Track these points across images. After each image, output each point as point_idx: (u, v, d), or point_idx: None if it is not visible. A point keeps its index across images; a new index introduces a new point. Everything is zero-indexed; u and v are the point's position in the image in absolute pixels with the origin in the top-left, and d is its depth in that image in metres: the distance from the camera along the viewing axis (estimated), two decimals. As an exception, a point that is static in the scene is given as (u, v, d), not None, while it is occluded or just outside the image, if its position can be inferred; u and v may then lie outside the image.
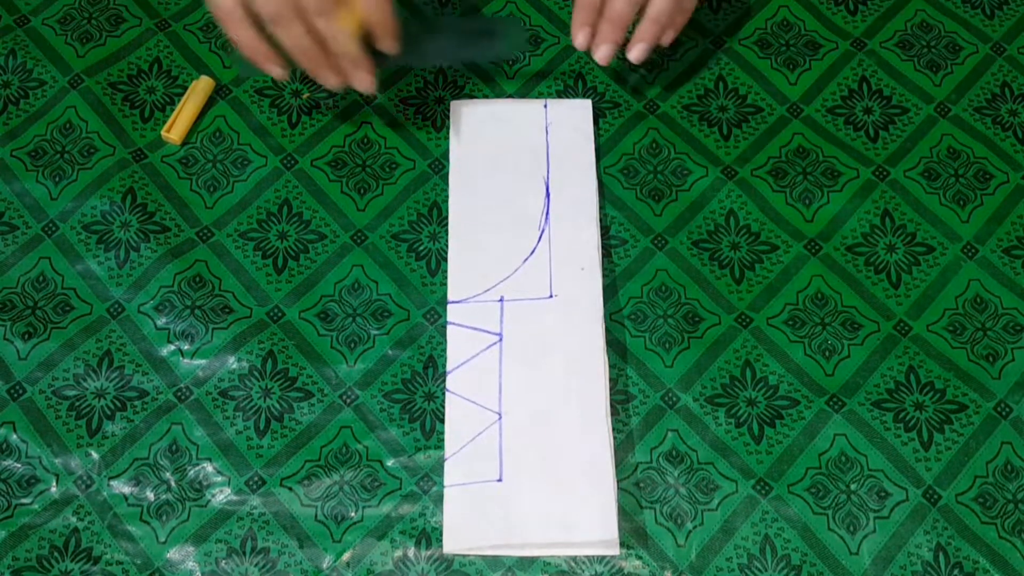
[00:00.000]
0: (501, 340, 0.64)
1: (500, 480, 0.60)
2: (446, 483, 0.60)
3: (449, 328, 0.65)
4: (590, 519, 0.59)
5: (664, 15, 0.67)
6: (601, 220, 0.69)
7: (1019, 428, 0.63)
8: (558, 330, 0.64)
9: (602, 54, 0.68)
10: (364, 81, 0.64)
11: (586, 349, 0.63)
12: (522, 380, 0.63)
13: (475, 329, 0.64)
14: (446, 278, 0.67)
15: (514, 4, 0.77)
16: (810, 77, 0.74)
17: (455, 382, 0.63)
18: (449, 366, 0.63)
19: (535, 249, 0.67)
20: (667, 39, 0.69)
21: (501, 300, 0.65)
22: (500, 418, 0.62)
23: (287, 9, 0.60)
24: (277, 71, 0.64)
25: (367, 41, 0.63)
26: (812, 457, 0.62)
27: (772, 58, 0.75)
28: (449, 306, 0.65)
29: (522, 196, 0.69)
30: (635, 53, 0.68)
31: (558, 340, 0.64)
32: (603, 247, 0.68)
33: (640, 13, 0.67)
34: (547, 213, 0.68)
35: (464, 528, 0.59)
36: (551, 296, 0.65)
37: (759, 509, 0.60)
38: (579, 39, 0.68)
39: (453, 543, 0.59)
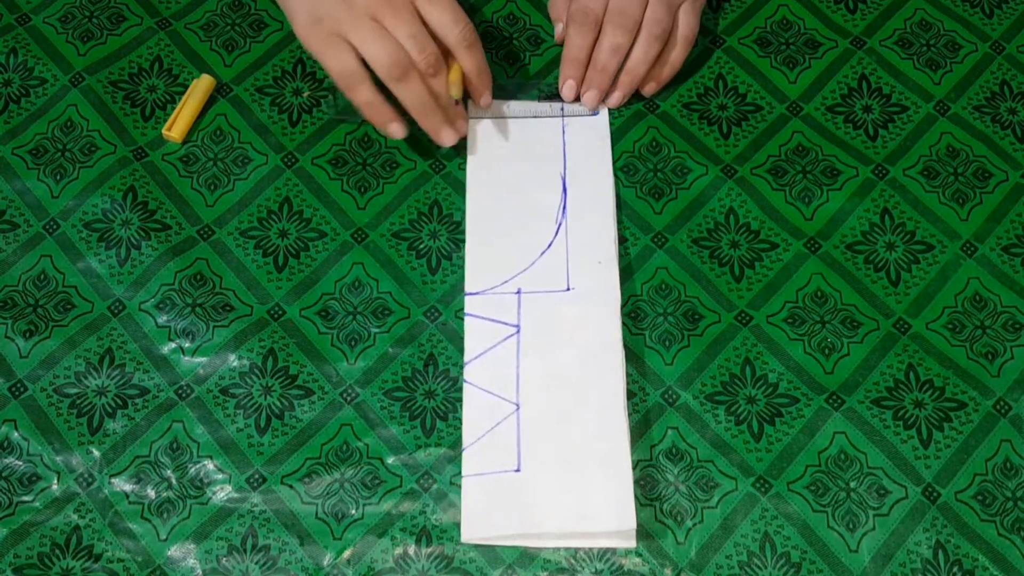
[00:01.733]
0: (519, 332, 0.64)
1: (518, 470, 0.60)
2: (464, 472, 0.60)
3: (467, 319, 0.65)
4: (608, 510, 0.59)
5: (640, 67, 0.71)
6: (603, 218, 0.69)
7: (1018, 426, 0.63)
8: (575, 322, 0.64)
9: (588, 98, 0.72)
10: (463, 129, 0.71)
11: (603, 341, 0.64)
12: (539, 371, 0.63)
13: (492, 321, 0.65)
14: (447, 276, 0.67)
15: (514, 3, 0.78)
16: (810, 75, 0.75)
17: (472, 373, 0.63)
18: (466, 357, 0.64)
19: (552, 242, 0.67)
20: (649, 90, 0.73)
21: (518, 292, 0.66)
22: (518, 409, 0.62)
23: (408, 68, 0.65)
24: (398, 128, 0.68)
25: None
26: (812, 455, 0.62)
27: (772, 56, 0.75)
28: (466, 298, 0.66)
29: (539, 190, 0.69)
30: (611, 100, 0.73)
31: (575, 332, 0.64)
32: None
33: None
34: (564, 207, 0.68)
35: (482, 518, 0.59)
36: (568, 289, 0.66)
37: (759, 507, 0.60)
38: (565, 91, 0.72)
39: (471, 532, 0.59)
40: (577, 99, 0.72)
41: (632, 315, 0.66)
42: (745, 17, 0.77)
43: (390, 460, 0.62)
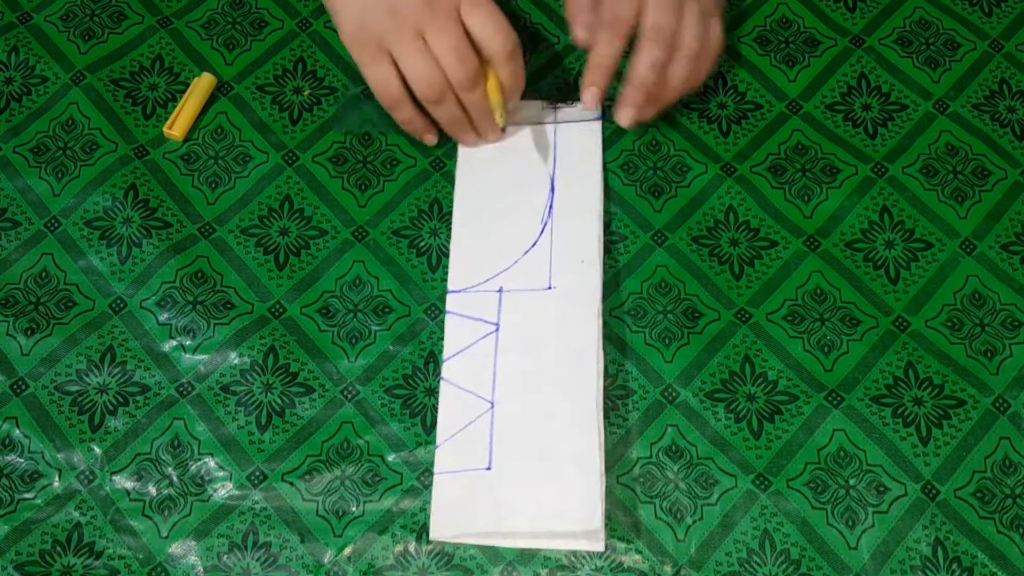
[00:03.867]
0: (498, 330, 0.64)
1: (489, 468, 0.60)
2: (436, 470, 0.60)
3: (448, 317, 0.65)
4: (576, 511, 0.59)
5: (683, 86, 0.69)
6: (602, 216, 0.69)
7: (1017, 423, 0.63)
8: (554, 321, 0.64)
9: (624, 115, 0.69)
10: (497, 133, 0.71)
11: (581, 341, 0.64)
12: (516, 370, 0.63)
13: (472, 318, 0.65)
14: (447, 274, 0.67)
15: (515, 3, 0.78)
16: (809, 74, 0.75)
17: (450, 371, 0.63)
18: (445, 354, 0.64)
19: (537, 241, 0.67)
20: (647, 114, 0.70)
21: (500, 290, 0.66)
22: (492, 407, 0.62)
23: (444, 91, 0.66)
24: (432, 138, 0.71)
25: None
26: (811, 452, 0.62)
27: (771, 55, 0.76)
28: (448, 295, 0.66)
29: (527, 190, 0.69)
30: (644, 114, 0.70)
31: (554, 331, 0.64)
32: (603, 242, 0.68)
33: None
34: (550, 207, 0.68)
35: (452, 515, 0.59)
36: (550, 288, 0.66)
37: (758, 504, 0.61)
38: (587, 96, 0.69)
39: (441, 530, 0.59)
40: (597, 106, 0.70)
41: (632, 313, 0.66)
42: (745, 15, 0.77)
43: (391, 457, 0.62)
